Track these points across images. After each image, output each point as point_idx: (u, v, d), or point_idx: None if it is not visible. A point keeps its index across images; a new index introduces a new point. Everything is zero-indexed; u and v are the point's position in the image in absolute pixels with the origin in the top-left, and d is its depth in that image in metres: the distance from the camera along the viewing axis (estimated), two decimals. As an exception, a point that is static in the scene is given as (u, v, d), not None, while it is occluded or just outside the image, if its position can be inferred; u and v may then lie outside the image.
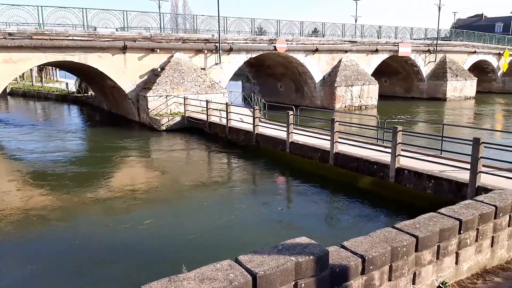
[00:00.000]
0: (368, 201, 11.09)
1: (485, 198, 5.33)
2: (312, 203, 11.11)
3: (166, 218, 10.05)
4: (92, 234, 8.96)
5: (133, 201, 11.16)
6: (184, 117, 21.97)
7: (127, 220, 9.93)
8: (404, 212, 9.86)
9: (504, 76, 49.85)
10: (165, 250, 8.04)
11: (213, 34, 26.63)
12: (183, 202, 11.35)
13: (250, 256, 3.43)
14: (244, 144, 17.52)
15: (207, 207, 10.78)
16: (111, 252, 8.12)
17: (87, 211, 10.59)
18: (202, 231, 8.99)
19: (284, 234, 7.42)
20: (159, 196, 11.69)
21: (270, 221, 9.66)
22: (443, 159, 11.09)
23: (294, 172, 14.08)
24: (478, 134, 11.11)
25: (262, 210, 10.50)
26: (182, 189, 12.42)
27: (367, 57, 35.49)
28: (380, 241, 4.12)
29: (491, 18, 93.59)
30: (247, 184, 13.37)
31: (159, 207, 10.79)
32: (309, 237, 3.81)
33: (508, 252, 5.40)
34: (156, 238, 8.64)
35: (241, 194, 12.12)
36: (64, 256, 8.02)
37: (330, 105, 31.64)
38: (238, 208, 10.78)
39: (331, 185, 12.67)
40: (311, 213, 10.27)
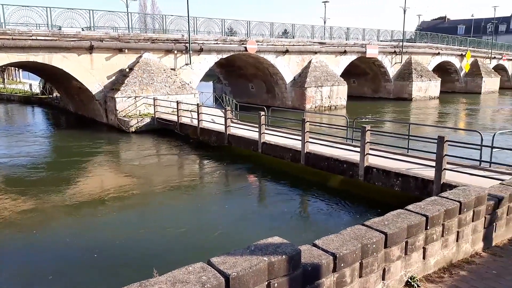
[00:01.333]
0: (338, 200, 11.28)
1: (450, 195, 5.51)
2: (285, 202, 11.18)
3: (136, 222, 9.86)
4: (58, 241, 8.66)
5: (102, 205, 10.87)
6: (154, 118, 21.62)
7: (95, 225, 9.67)
8: (373, 209, 10.08)
9: (466, 76, 51.98)
10: (136, 255, 7.88)
11: (183, 35, 26.36)
12: (154, 205, 11.15)
13: (223, 258, 3.41)
14: (216, 145, 17.43)
15: (179, 210, 10.65)
16: (78, 259, 7.87)
17: (53, 217, 10.23)
18: (174, 234, 8.88)
19: (257, 234, 7.42)
20: (128, 200, 11.44)
21: (243, 222, 9.65)
22: (410, 157, 11.42)
23: (266, 172, 14.14)
24: (442, 133, 11.52)
25: (234, 211, 10.47)
26: (153, 192, 12.22)
27: (336, 58, 36.12)
28: (350, 238, 4.18)
29: (453, 21, 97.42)
30: (219, 185, 13.31)
31: (129, 211, 10.57)
32: (281, 236, 3.83)
33: (473, 246, 5.61)
34: (126, 242, 8.44)
35: (213, 196, 12.05)
36: (27, 264, 7.71)
37: (300, 106, 31.99)
38: (210, 209, 10.72)
39: (303, 185, 12.80)
40: (284, 213, 10.33)
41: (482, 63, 52.79)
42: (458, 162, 10.66)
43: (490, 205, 5.69)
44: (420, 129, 20.29)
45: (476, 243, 5.68)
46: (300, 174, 13.28)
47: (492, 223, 5.83)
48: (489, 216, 5.74)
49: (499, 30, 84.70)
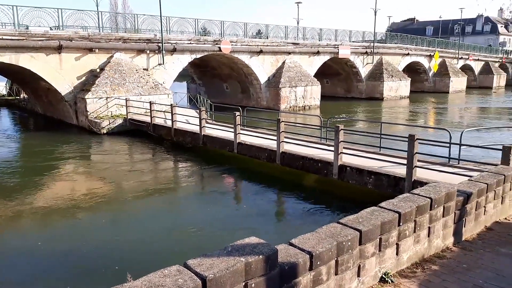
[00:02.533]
0: (314, 198, 11.39)
1: (421, 191, 5.66)
2: (261, 202, 11.20)
3: (109, 226, 9.64)
4: (28, 247, 8.35)
5: (73, 210, 10.56)
6: (126, 119, 21.21)
7: (66, 230, 9.40)
8: (348, 207, 10.24)
9: (434, 76, 53.60)
10: (109, 260, 7.70)
11: (155, 34, 25.99)
12: (127, 208, 10.93)
13: (199, 260, 3.37)
14: (190, 146, 17.27)
15: (153, 212, 10.48)
16: (50, 265, 7.63)
17: (21, 223, 9.87)
18: (149, 237, 8.73)
19: (234, 235, 7.40)
20: (101, 203, 11.16)
21: (220, 223, 9.59)
22: (382, 155, 11.66)
23: (242, 173, 14.12)
24: (413, 131, 11.81)
25: (211, 212, 10.40)
26: (126, 195, 11.98)
27: (310, 59, 36.50)
28: (326, 236, 4.22)
29: (422, 22, 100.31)
30: (194, 186, 13.19)
31: (102, 215, 10.32)
32: (258, 236, 3.82)
33: (443, 241, 5.78)
34: (98, 247, 8.23)
35: (189, 197, 11.93)
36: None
37: (275, 106, 32.14)
38: (186, 211, 10.61)
39: (279, 184, 12.86)
40: (260, 213, 10.34)
41: (449, 63, 54.56)
42: (428, 159, 10.96)
43: (459, 200, 5.88)
44: (392, 127, 20.76)
45: (447, 238, 5.85)
46: (276, 173, 13.33)
47: (461, 218, 6.02)
48: (459, 211, 5.92)
49: (466, 31, 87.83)
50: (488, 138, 19.08)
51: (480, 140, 18.17)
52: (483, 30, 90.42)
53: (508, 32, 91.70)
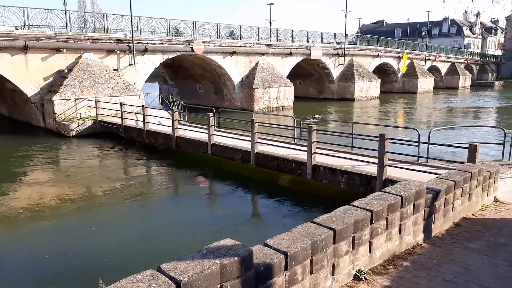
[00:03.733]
0: (288, 198, 11.46)
1: (392, 189, 5.78)
2: (236, 203, 11.17)
3: (79, 231, 9.35)
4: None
5: (41, 215, 10.20)
6: (96, 121, 20.69)
7: (34, 236, 9.06)
8: (322, 206, 10.35)
9: (403, 77, 55.10)
10: (80, 266, 7.47)
11: (126, 34, 25.50)
12: (98, 213, 10.64)
13: (174, 264, 3.32)
14: (163, 148, 17.02)
15: (126, 217, 10.26)
16: (17, 272, 7.32)
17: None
18: (121, 242, 8.53)
19: (209, 237, 7.33)
20: (70, 208, 10.82)
21: (194, 226, 9.49)
22: (354, 155, 11.87)
23: (217, 174, 14.04)
24: (383, 131, 12.08)
25: (185, 215, 10.28)
26: (96, 199, 11.68)
27: (282, 60, 36.75)
28: (301, 236, 4.25)
29: (391, 24, 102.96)
30: (167, 189, 13.01)
31: (71, 220, 10.01)
32: (234, 238, 3.80)
33: (414, 238, 5.93)
34: (68, 253, 7.97)
35: (162, 200, 11.75)
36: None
37: (249, 107, 32.17)
38: (160, 214, 10.44)
39: (253, 185, 12.87)
40: (235, 214, 10.31)
41: (417, 64, 56.21)
42: (398, 158, 11.23)
43: (428, 198, 6.04)
44: (363, 127, 21.18)
45: (417, 234, 6.00)
46: (251, 174, 13.33)
47: (431, 215, 6.19)
48: (428, 208, 6.09)
49: (433, 34, 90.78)
50: (455, 137, 19.77)
51: (447, 138, 18.79)
52: (449, 32, 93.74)
53: (472, 34, 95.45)
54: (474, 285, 4.85)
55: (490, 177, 7.94)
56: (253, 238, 8.13)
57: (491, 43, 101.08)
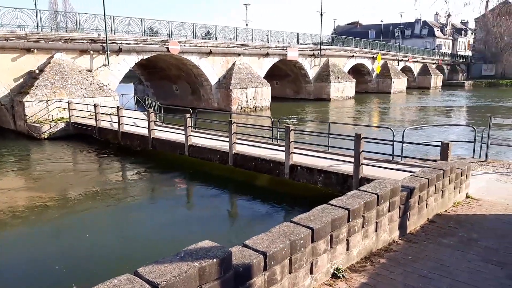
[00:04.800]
0: (267, 198, 11.48)
1: (368, 188, 5.88)
2: (214, 205, 11.10)
3: (53, 236, 9.10)
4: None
5: (12, 220, 9.85)
6: (69, 123, 20.17)
7: (5, 241, 8.74)
8: (300, 205, 10.42)
9: (377, 77, 56.19)
10: (54, 272, 7.25)
11: (99, 34, 24.97)
12: (72, 217, 10.36)
13: (151, 267, 3.26)
14: (139, 150, 16.75)
15: (101, 220, 10.03)
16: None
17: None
18: (97, 247, 8.34)
19: (187, 240, 7.26)
20: (43, 213, 10.50)
21: (172, 228, 9.38)
22: (331, 154, 12.00)
23: (194, 176, 13.92)
24: (359, 130, 12.27)
25: (162, 217, 10.14)
26: (71, 203, 11.37)
27: (259, 61, 36.83)
28: (279, 236, 4.26)
29: (365, 26, 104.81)
30: (144, 191, 12.80)
31: (44, 225, 9.71)
32: (212, 240, 3.77)
33: (390, 235, 6.05)
34: (41, 258, 7.74)
35: (139, 203, 11.55)
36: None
37: (227, 107, 32.08)
38: (136, 218, 10.26)
39: (232, 186, 12.83)
40: (214, 216, 10.25)
41: (391, 65, 57.43)
42: (374, 157, 11.42)
43: (403, 195, 6.17)
44: (339, 127, 21.43)
45: (393, 231, 6.12)
46: (229, 175, 13.28)
47: (406, 212, 6.33)
48: (403, 206, 6.22)
49: (405, 35, 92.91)
50: (428, 136, 20.28)
51: (421, 137, 19.26)
52: (421, 34, 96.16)
53: (443, 35, 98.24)
54: (448, 280, 4.99)
55: (462, 174, 8.18)
56: (232, 239, 8.11)
57: (461, 44, 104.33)
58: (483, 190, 9.01)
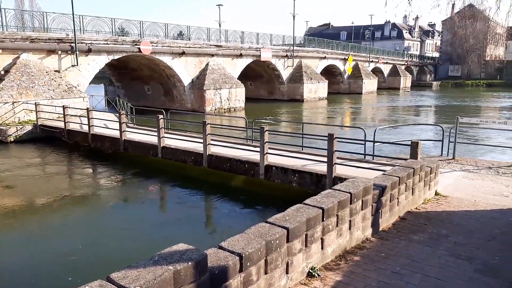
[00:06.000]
0: (242, 199, 11.46)
1: (341, 187, 5.96)
2: (189, 207, 10.98)
3: (21, 243, 8.75)
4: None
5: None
6: (36, 125, 19.50)
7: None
8: (275, 206, 10.44)
9: (349, 78, 57.21)
10: (23, 280, 6.98)
11: (67, 34, 24.29)
12: (41, 224, 10.00)
13: (124, 272, 3.19)
14: (110, 152, 16.37)
15: (70, 226, 9.73)
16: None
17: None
18: (67, 253, 8.07)
19: (161, 243, 7.15)
20: (9, 220, 10.07)
21: (146, 232, 9.20)
22: (305, 154, 12.11)
23: (168, 178, 13.73)
24: (332, 130, 12.45)
25: (135, 221, 9.94)
26: (39, 210, 10.97)
27: (233, 61, 36.78)
28: (255, 237, 4.25)
29: (337, 27, 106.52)
30: (116, 195, 12.51)
31: (11, 233, 9.32)
32: (187, 243, 3.72)
33: (363, 233, 6.15)
34: (8, 266, 7.43)
35: (110, 207, 11.29)
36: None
37: (200, 108, 31.86)
38: (108, 222, 10.02)
39: (207, 187, 12.73)
40: (189, 218, 10.13)
41: (362, 66, 58.61)
42: (346, 156, 11.61)
43: (375, 194, 6.29)
44: (313, 127, 21.68)
45: (366, 229, 6.23)
46: (203, 177, 13.18)
47: (378, 210, 6.45)
48: (375, 204, 6.34)
49: (375, 37, 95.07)
50: (398, 135, 20.80)
51: (391, 136, 19.73)
52: (390, 36, 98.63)
53: (412, 37, 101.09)
54: (419, 276, 5.12)
55: (431, 172, 8.42)
56: (208, 241, 8.04)
57: (428, 45, 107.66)
58: (451, 187, 9.32)
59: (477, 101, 48.51)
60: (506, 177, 10.26)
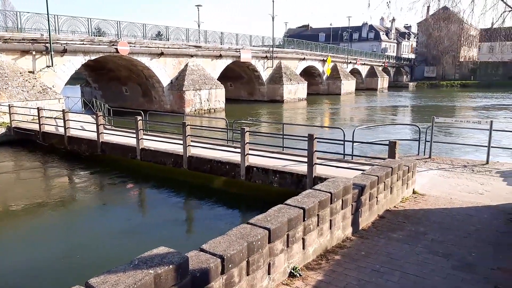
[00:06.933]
0: (223, 201, 11.41)
1: (322, 187, 6.00)
2: (169, 210, 10.85)
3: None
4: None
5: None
6: (10, 128, 18.93)
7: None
8: (256, 206, 10.43)
9: (328, 79, 57.80)
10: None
11: (42, 34, 23.69)
12: (16, 230, 9.69)
13: (103, 277, 3.12)
14: (87, 155, 16.04)
15: (48, 232, 9.47)
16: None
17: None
18: (44, 258, 7.86)
19: (142, 247, 7.03)
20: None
21: (125, 236, 9.04)
22: (285, 154, 12.16)
23: (147, 180, 13.55)
24: (312, 131, 12.53)
25: (114, 225, 9.77)
26: (14, 215, 10.64)
27: (212, 62, 36.63)
28: (237, 238, 4.23)
29: (315, 29, 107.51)
30: (94, 198, 12.26)
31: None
32: (168, 246, 3.67)
33: (344, 232, 6.21)
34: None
35: (88, 211, 11.05)
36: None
37: (180, 109, 31.59)
38: (86, 227, 9.80)
39: (187, 189, 12.62)
40: (169, 221, 10.01)
41: (340, 67, 59.31)
42: (326, 156, 11.72)
43: (355, 193, 6.37)
44: (293, 128, 21.80)
45: (346, 228, 6.29)
46: (184, 178, 13.06)
47: (358, 209, 6.53)
48: (355, 203, 6.41)
49: (353, 38, 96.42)
50: (376, 135, 21.13)
51: (370, 136, 20.02)
52: (368, 37, 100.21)
53: (388, 39, 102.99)
54: (398, 273, 5.20)
55: (408, 171, 8.58)
56: (189, 244, 7.96)
57: (405, 47, 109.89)
58: (428, 186, 9.52)
59: (452, 101, 49.81)
60: (480, 175, 10.56)
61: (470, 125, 14.82)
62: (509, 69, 79.79)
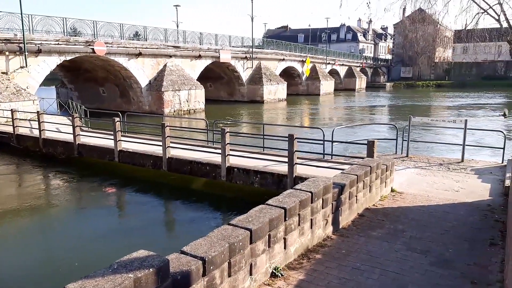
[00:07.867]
0: (204, 202, 11.33)
1: (302, 186, 6.03)
2: (149, 212, 10.71)
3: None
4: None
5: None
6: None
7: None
8: (237, 207, 10.41)
9: (307, 80, 58.27)
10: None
11: (15, 34, 23.02)
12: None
13: (81, 283, 3.04)
14: (64, 157, 15.65)
15: (25, 237, 9.20)
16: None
17: None
18: (20, 266, 7.61)
19: (121, 251, 6.90)
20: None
21: (104, 240, 8.86)
22: (266, 155, 12.18)
23: (126, 182, 13.32)
24: (292, 131, 12.59)
25: (92, 229, 9.56)
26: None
27: (192, 63, 36.38)
28: (218, 239, 4.20)
29: (294, 30, 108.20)
30: (70, 202, 11.97)
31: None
32: (148, 249, 3.61)
33: (324, 231, 6.26)
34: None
35: (65, 215, 10.78)
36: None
37: (159, 110, 31.24)
38: (63, 231, 9.56)
39: (167, 191, 12.48)
40: (149, 223, 9.87)
41: (319, 68, 59.87)
42: (306, 156, 11.80)
43: (335, 192, 6.42)
44: (273, 128, 21.87)
45: (327, 227, 6.34)
46: (163, 180, 12.90)
47: (338, 208, 6.59)
48: (335, 202, 6.47)
49: (332, 39, 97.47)
50: (355, 134, 21.41)
51: (349, 136, 20.27)
52: (345, 38, 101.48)
53: (366, 40, 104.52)
54: (378, 271, 5.27)
55: (387, 169, 8.72)
56: (170, 246, 7.85)
57: (382, 48, 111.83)
58: (406, 184, 9.70)
59: (428, 101, 50.95)
60: (456, 173, 10.83)
61: (446, 124, 15.18)
62: (482, 69, 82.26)
